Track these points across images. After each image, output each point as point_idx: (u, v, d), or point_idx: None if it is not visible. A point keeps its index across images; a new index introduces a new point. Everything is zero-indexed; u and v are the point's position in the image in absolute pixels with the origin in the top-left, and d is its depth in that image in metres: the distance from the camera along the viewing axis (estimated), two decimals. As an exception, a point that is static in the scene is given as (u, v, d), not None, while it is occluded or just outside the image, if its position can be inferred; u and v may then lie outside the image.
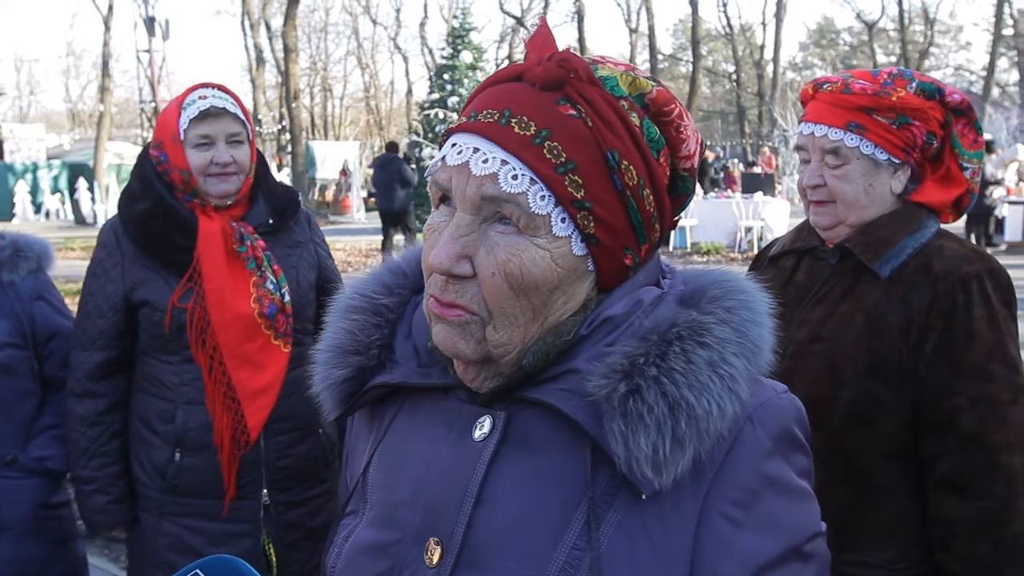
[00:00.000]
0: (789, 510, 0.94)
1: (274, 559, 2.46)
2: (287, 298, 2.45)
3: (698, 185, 20.21)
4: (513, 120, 0.92)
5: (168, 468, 2.41)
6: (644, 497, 0.90)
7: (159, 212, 2.40)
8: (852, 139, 1.83)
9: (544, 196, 0.91)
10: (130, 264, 2.42)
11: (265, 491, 2.45)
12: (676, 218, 1.04)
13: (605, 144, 0.92)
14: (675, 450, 0.88)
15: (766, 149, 28.81)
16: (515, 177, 0.90)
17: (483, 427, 0.98)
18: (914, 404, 1.78)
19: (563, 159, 0.91)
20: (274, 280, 2.45)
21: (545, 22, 0.99)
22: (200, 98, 2.40)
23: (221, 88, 2.47)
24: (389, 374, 1.05)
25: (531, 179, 0.91)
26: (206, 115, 2.37)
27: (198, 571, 1.03)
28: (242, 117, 2.45)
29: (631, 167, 0.93)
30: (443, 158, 0.95)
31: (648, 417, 0.89)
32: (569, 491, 0.93)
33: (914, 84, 1.84)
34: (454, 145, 0.94)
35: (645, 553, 0.91)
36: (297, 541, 2.51)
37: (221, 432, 2.38)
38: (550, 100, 0.92)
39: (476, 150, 0.92)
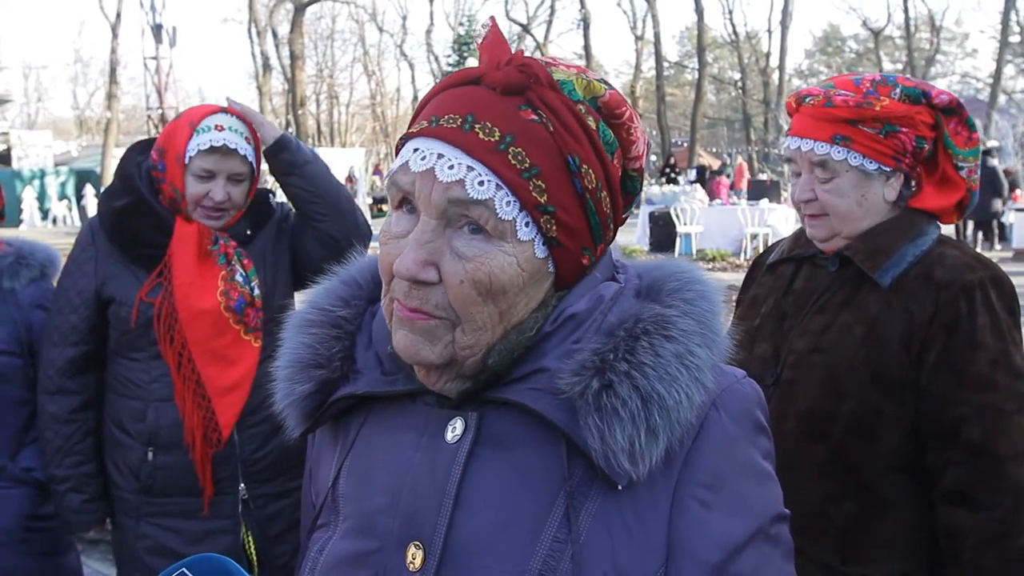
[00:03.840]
0: (755, 492, 0.98)
1: (255, 555, 2.43)
2: (256, 291, 2.43)
3: (704, 192, 20.27)
4: (477, 126, 0.92)
5: (142, 468, 2.40)
6: (620, 488, 0.93)
7: (138, 209, 2.38)
8: (839, 152, 1.81)
9: (509, 202, 0.92)
10: (103, 259, 2.41)
11: (242, 485, 2.43)
12: (624, 215, 1.05)
13: (566, 149, 0.93)
14: (650, 441, 0.91)
15: (740, 158, 28.85)
16: (481, 183, 0.91)
17: (455, 429, 0.98)
18: (917, 415, 1.77)
19: (527, 164, 0.92)
20: (243, 273, 2.43)
21: (495, 24, 1.00)
22: (216, 128, 2.36)
23: (240, 117, 2.43)
24: (353, 385, 1.04)
25: (497, 185, 0.91)
26: (216, 150, 2.34)
27: (184, 570, 1.02)
28: (251, 159, 2.42)
29: (590, 171, 0.95)
30: (405, 162, 0.95)
31: (623, 411, 0.91)
32: (545, 486, 0.94)
33: (898, 90, 1.82)
34: (416, 150, 0.94)
35: (623, 541, 0.93)
36: (282, 533, 2.49)
37: (192, 431, 2.36)
38: (512, 105, 0.93)
39: (441, 156, 0.92)
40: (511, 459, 0.96)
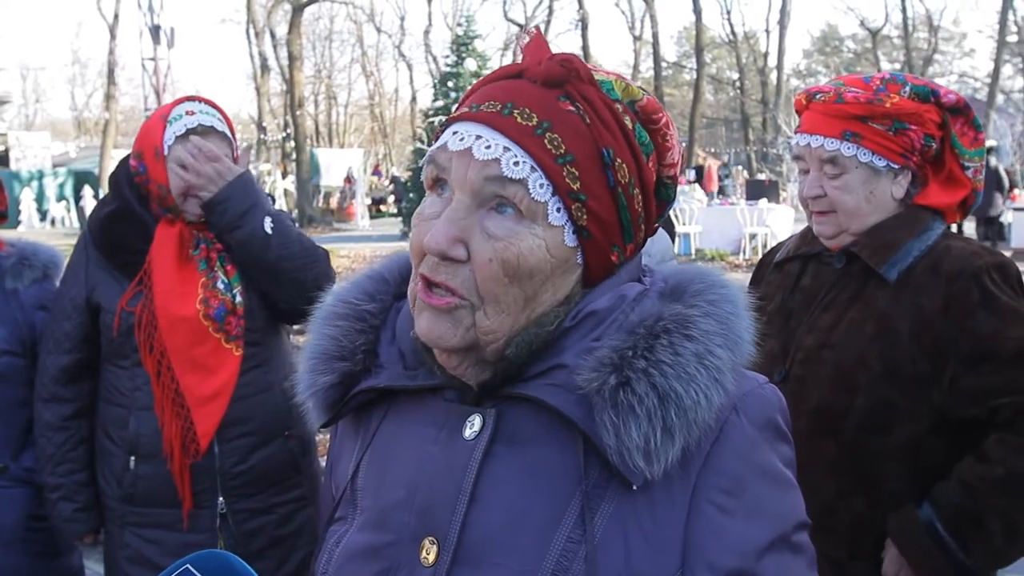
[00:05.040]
0: (776, 498, 0.97)
1: None
2: (239, 299, 2.37)
3: (703, 192, 20.28)
4: (516, 111, 0.95)
5: (124, 476, 2.37)
6: (635, 488, 0.92)
7: (122, 215, 2.37)
8: (849, 148, 1.83)
9: (543, 185, 0.94)
10: (92, 267, 2.40)
11: (221, 499, 2.38)
12: (656, 224, 1.06)
13: (601, 141, 0.95)
14: (665, 440, 0.91)
15: (709, 161, 28.90)
16: (516, 164, 0.93)
17: (473, 426, 0.99)
18: (932, 407, 1.78)
19: (562, 151, 0.94)
20: (225, 280, 2.38)
21: (539, 31, 1.04)
22: (187, 113, 2.34)
23: (208, 103, 2.41)
24: (375, 378, 1.06)
25: (532, 167, 0.93)
26: (192, 134, 2.32)
27: (189, 566, 1.02)
28: (229, 136, 2.40)
29: (624, 165, 0.97)
30: (444, 143, 0.97)
31: (639, 408, 0.91)
32: (561, 485, 0.95)
33: (907, 88, 1.84)
34: (455, 132, 0.96)
35: (638, 543, 0.93)
36: (263, 550, 2.42)
37: (170, 440, 2.32)
38: (551, 96, 0.96)
39: (479, 137, 0.94)
40: (528, 457, 0.96)
